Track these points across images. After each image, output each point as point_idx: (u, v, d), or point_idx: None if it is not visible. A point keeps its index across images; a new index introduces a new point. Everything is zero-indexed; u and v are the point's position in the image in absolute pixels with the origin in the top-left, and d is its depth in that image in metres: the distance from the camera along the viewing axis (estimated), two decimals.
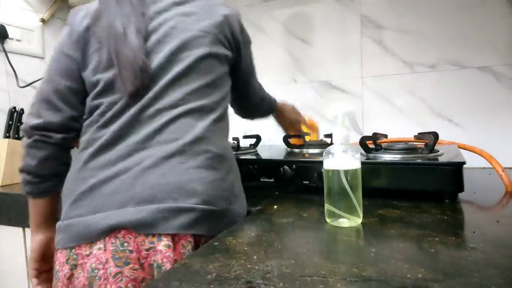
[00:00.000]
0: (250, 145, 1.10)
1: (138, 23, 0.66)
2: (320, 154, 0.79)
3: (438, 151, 0.79)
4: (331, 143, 0.60)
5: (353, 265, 0.42)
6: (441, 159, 0.72)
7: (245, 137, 1.18)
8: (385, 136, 0.93)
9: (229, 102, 0.79)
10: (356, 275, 0.40)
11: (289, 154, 0.96)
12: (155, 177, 0.59)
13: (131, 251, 0.55)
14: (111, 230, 0.56)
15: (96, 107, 0.66)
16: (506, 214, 0.63)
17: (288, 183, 0.83)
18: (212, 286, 0.39)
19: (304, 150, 1.01)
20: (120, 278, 0.54)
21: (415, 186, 0.71)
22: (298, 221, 0.62)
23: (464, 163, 0.68)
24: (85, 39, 0.67)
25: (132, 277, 0.54)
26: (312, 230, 0.57)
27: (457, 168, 0.68)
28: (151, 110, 0.64)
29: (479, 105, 1.11)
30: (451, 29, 1.12)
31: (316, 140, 1.09)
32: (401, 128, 1.18)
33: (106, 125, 0.64)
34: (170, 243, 0.56)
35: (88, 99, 0.68)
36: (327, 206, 0.59)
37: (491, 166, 0.81)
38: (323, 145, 1.03)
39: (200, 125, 0.65)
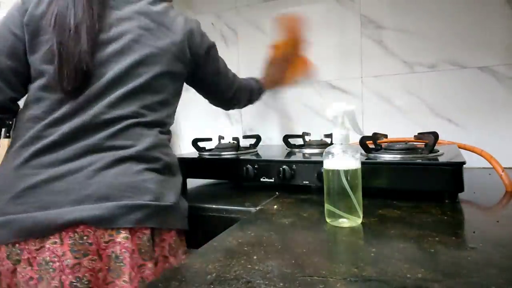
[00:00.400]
0: (250, 145, 1.10)
1: (93, 23, 0.67)
2: (320, 154, 0.79)
3: (438, 151, 0.79)
4: (331, 143, 0.60)
5: (353, 265, 0.42)
6: (441, 159, 0.72)
7: (245, 137, 1.18)
8: (385, 136, 0.93)
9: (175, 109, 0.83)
10: (356, 275, 0.40)
11: (289, 154, 0.96)
12: (110, 178, 0.63)
13: (90, 244, 0.59)
14: (68, 225, 0.59)
15: (39, 99, 0.67)
16: (506, 214, 0.63)
17: (288, 183, 0.83)
18: (212, 286, 0.39)
19: (304, 150, 1.01)
20: (78, 269, 0.58)
21: (415, 186, 0.71)
22: (298, 221, 0.62)
23: (464, 163, 0.68)
24: (37, 24, 0.67)
25: (90, 267, 0.59)
26: (312, 230, 0.57)
27: (457, 168, 0.68)
28: (106, 117, 0.66)
29: (479, 105, 1.11)
30: (451, 29, 1.12)
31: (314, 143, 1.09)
32: (401, 128, 1.18)
33: (55, 124, 0.65)
34: (128, 235, 0.60)
35: (32, 87, 0.68)
36: (327, 206, 0.59)
37: (491, 166, 0.81)
38: (323, 145, 1.03)
39: (150, 136, 0.69)
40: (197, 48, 0.79)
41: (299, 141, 1.12)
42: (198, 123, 1.52)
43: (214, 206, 0.76)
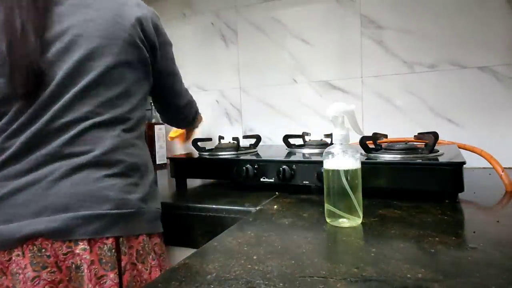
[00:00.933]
0: (250, 145, 1.10)
1: (39, 20, 0.63)
2: (320, 154, 0.79)
3: (438, 151, 0.79)
4: (331, 143, 0.60)
5: (353, 265, 0.42)
6: (441, 159, 0.72)
7: (245, 137, 1.18)
8: (385, 136, 0.93)
9: (148, 107, 0.81)
10: (356, 275, 0.40)
11: (289, 154, 0.96)
12: (68, 187, 0.61)
13: (48, 256, 0.59)
14: (28, 238, 0.59)
15: (1, 114, 0.64)
16: (506, 214, 0.63)
17: (288, 183, 0.83)
18: (212, 286, 0.39)
19: (304, 150, 1.01)
20: (37, 282, 0.58)
21: (415, 186, 0.71)
22: (298, 221, 0.62)
23: (464, 163, 0.68)
24: None
25: (49, 279, 0.59)
26: (312, 230, 0.57)
27: (457, 168, 0.68)
28: (61, 122, 0.63)
29: (479, 105, 1.11)
30: (451, 29, 1.12)
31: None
32: (401, 128, 1.18)
33: (14, 135, 0.63)
34: (87, 246, 0.60)
35: None
36: (327, 206, 0.59)
37: (491, 166, 0.81)
38: (323, 145, 1.03)
39: (110, 137, 0.66)
40: (151, 35, 0.75)
41: (299, 141, 1.12)
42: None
43: (214, 206, 0.76)
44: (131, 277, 0.63)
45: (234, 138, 1.02)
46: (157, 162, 1.40)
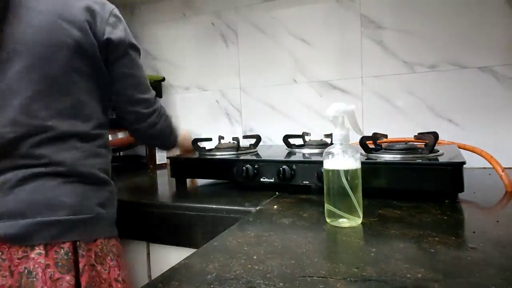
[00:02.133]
0: (250, 145, 1.10)
1: None
2: (320, 154, 0.79)
3: (438, 151, 0.79)
4: (331, 143, 0.60)
5: (353, 265, 0.42)
6: (441, 159, 0.72)
7: (245, 137, 1.18)
8: (385, 136, 0.93)
9: (108, 114, 0.76)
10: (356, 275, 0.40)
11: (289, 154, 0.96)
12: (25, 194, 0.63)
13: (3, 260, 0.62)
14: None
15: None
16: (506, 214, 0.63)
17: (288, 183, 0.83)
18: (212, 286, 0.39)
19: (304, 150, 1.01)
20: None
21: (415, 186, 0.71)
22: (298, 221, 0.62)
23: (464, 163, 0.68)
24: None
25: (0, 284, 0.60)
26: (312, 230, 0.57)
27: (457, 168, 0.68)
28: (11, 136, 0.63)
29: (479, 105, 1.11)
30: (451, 29, 1.12)
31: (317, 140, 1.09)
32: (401, 128, 1.18)
33: None
34: (42, 251, 0.62)
35: None
36: (327, 206, 0.59)
37: (491, 166, 0.81)
38: (323, 145, 1.03)
39: (67, 149, 0.66)
40: (103, 34, 0.69)
41: (299, 141, 1.12)
42: (198, 123, 1.53)
43: (214, 206, 0.76)
44: (89, 277, 0.65)
45: (234, 138, 1.02)
46: (157, 162, 1.41)
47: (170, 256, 0.82)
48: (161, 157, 1.41)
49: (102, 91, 0.73)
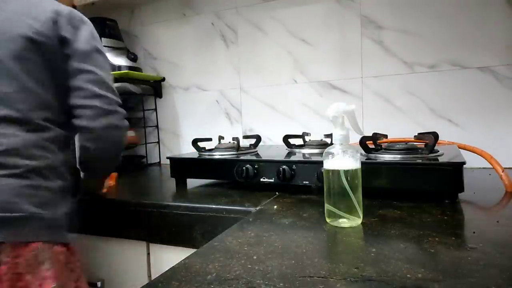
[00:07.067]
0: (250, 145, 1.10)
1: None
2: (320, 154, 0.79)
3: (438, 151, 0.79)
4: (331, 143, 0.60)
5: (353, 265, 0.42)
6: (441, 159, 0.72)
7: (245, 137, 1.18)
8: (385, 136, 0.93)
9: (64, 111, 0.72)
10: (356, 275, 0.40)
11: (289, 154, 0.96)
12: None
13: None
14: None
15: None
16: (506, 214, 0.63)
17: (288, 183, 0.83)
18: (212, 286, 0.39)
19: (304, 150, 1.01)
20: None
21: (415, 186, 0.71)
22: (298, 221, 0.62)
23: (464, 163, 0.68)
24: None
25: None
26: (312, 230, 0.57)
27: (457, 168, 0.68)
28: None
29: (479, 105, 1.11)
30: (451, 29, 1.12)
31: (316, 140, 1.09)
32: (401, 128, 1.18)
33: None
34: None
35: None
36: (327, 206, 0.59)
37: (491, 166, 0.81)
38: (323, 145, 1.03)
39: (7, 136, 0.62)
40: (66, 30, 0.70)
41: (299, 141, 1.12)
42: (198, 123, 1.53)
43: (214, 206, 0.76)
44: None
45: (234, 138, 1.02)
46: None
47: (170, 256, 0.82)
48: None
49: (60, 87, 0.72)
